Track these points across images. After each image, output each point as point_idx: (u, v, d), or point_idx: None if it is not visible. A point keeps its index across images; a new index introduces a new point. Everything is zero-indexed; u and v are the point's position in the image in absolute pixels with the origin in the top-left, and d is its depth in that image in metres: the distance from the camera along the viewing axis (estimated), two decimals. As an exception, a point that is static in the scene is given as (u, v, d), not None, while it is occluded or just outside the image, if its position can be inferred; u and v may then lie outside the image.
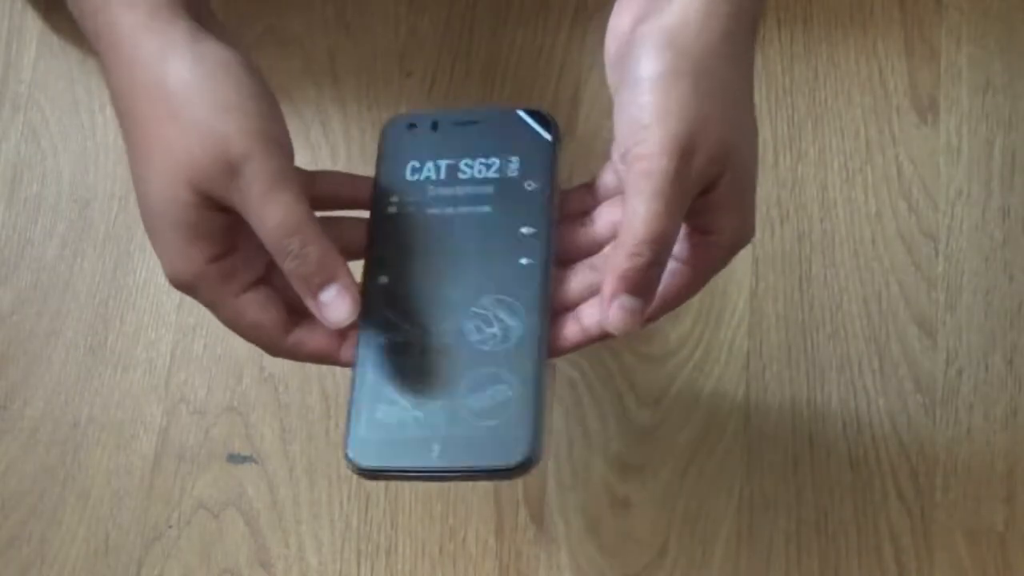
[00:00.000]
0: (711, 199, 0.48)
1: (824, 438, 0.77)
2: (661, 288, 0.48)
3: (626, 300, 0.46)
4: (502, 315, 0.50)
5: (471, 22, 0.85)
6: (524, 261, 0.50)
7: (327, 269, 0.48)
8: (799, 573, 0.76)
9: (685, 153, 0.46)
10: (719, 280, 0.51)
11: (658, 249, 0.46)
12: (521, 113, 0.54)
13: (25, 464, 0.79)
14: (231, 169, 0.47)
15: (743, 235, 0.49)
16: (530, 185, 0.52)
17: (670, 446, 0.77)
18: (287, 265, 0.48)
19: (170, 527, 0.77)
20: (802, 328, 0.79)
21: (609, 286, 0.46)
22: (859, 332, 0.79)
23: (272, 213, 0.47)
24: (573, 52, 0.84)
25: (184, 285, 0.49)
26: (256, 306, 0.49)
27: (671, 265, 0.49)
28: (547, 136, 0.53)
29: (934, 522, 0.76)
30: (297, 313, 0.51)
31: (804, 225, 0.81)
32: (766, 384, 0.78)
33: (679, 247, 0.49)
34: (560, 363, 0.78)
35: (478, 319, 0.50)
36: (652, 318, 0.49)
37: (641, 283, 0.46)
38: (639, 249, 0.45)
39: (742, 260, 0.79)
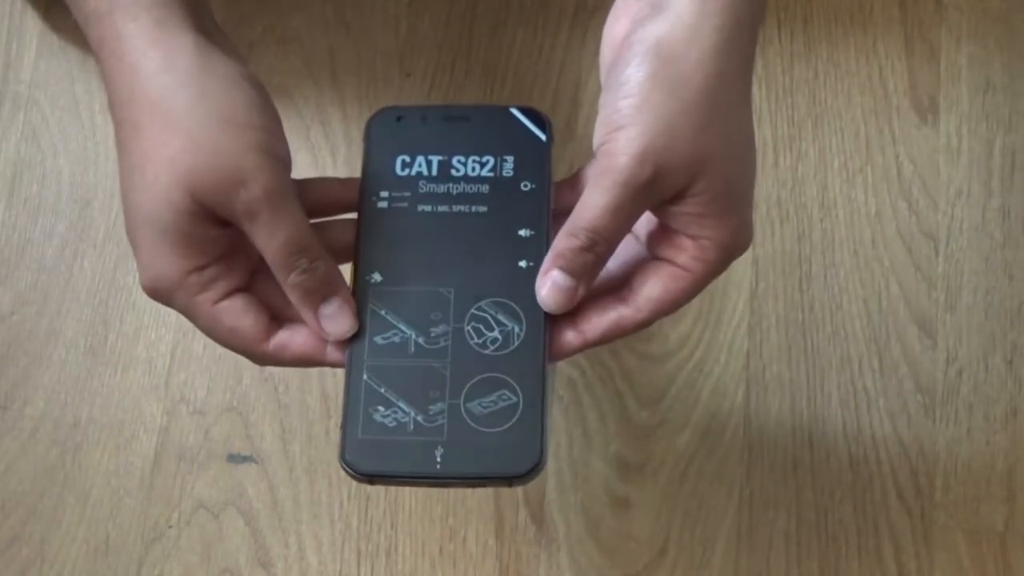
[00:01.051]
0: (686, 207, 0.48)
1: (824, 438, 0.77)
2: (656, 292, 0.49)
3: (558, 276, 0.49)
4: (502, 318, 0.50)
5: (471, 22, 0.85)
6: (523, 264, 0.50)
7: (331, 284, 0.49)
8: (799, 573, 0.76)
9: (645, 159, 0.47)
10: (719, 280, 0.51)
11: (594, 238, 0.48)
12: (515, 111, 0.53)
13: (25, 464, 0.78)
14: (236, 183, 0.47)
15: (737, 243, 0.49)
16: (527, 186, 0.51)
17: (670, 446, 0.77)
18: (292, 279, 0.49)
19: (170, 527, 0.77)
20: (802, 328, 0.79)
21: (546, 262, 0.49)
22: (859, 332, 0.79)
23: (282, 229, 0.48)
24: (573, 52, 0.84)
25: (162, 292, 0.49)
26: (234, 313, 0.49)
27: (665, 269, 0.49)
28: (542, 136, 0.52)
29: (934, 522, 0.76)
30: (277, 321, 0.50)
31: (804, 225, 0.81)
32: (766, 384, 0.78)
33: (672, 252, 0.49)
34: (560, 363, 0.78)
35: (477, 321, 0.50)
36: (647, 322, 0.50)
37: (574, 263, 0.48)
38: (577, 232, 0.48)
39: (742, 260, 0.78)
